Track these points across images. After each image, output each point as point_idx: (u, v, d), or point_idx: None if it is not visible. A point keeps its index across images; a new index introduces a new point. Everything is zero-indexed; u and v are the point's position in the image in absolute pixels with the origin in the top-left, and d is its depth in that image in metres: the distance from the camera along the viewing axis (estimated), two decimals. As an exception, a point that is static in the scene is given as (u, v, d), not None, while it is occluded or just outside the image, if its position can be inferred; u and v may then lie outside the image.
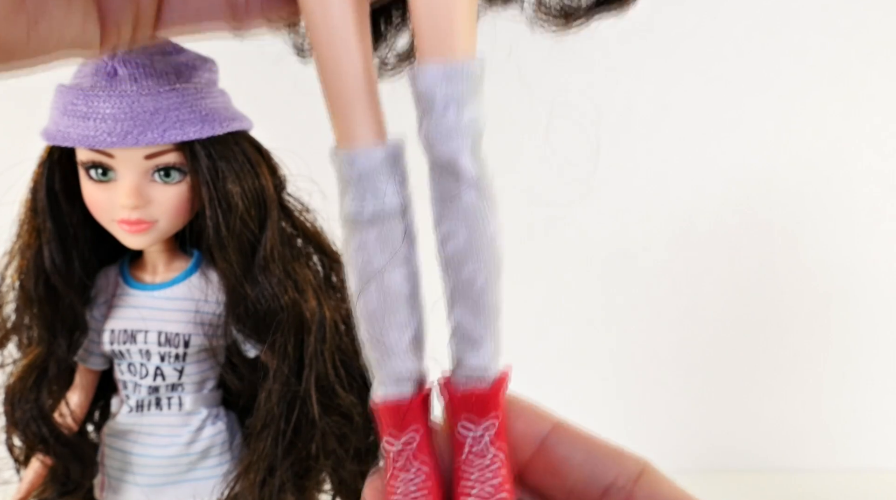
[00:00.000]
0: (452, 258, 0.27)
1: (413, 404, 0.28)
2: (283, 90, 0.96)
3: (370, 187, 0.27)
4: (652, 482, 0.28)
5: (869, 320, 1.03)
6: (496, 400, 0.28)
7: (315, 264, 0.65)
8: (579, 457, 0.28)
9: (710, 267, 1.03)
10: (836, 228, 1.02)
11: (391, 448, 0.28)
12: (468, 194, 0.27)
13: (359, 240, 0.27)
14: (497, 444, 0.28)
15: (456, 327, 0.28)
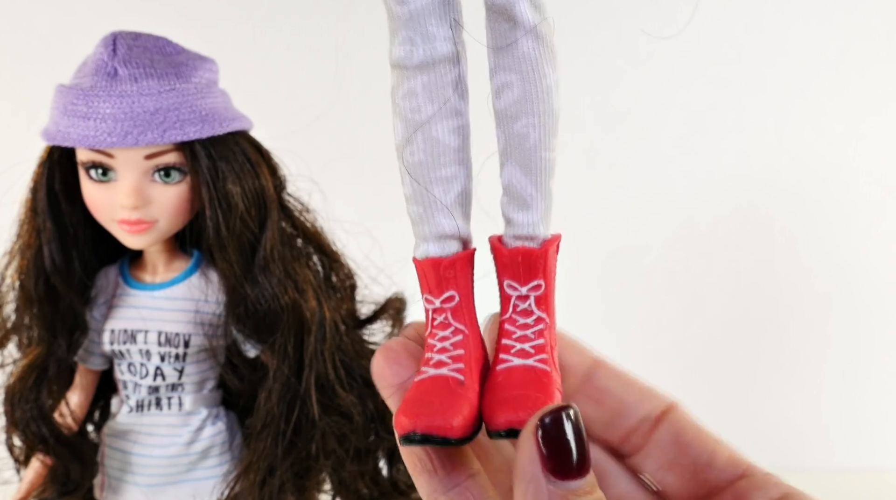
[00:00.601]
0: (506, 111, 0.26)
1: (454, 262, 0.27)
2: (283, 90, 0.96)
3: (420, 30, 0.26)
4: (678, 418, 0.30)
5: (869, 320, 1.03)
6: (543, 262, 0.27)
7: (315, 264, 0.65)
8: (617, 389, 0.30)
9: (709, 267, 1.03)
10: (836, 228, 1.02)
11: (429, 306, 0.27)
12: (525, 42, 0.25)
13: (406, 87, 0.26)
14: (542, 308, 0.27)
15: (508, 185, 0.27)
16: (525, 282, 0.27)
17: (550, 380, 0.26)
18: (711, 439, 0.30)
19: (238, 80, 0.64)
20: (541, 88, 0.26)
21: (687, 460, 0.29)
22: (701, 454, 0.29)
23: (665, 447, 0.30)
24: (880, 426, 1.03)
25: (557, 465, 0.24)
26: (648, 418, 0.30)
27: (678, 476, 0.29)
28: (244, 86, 0.64)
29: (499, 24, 0.26)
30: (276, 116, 0.64)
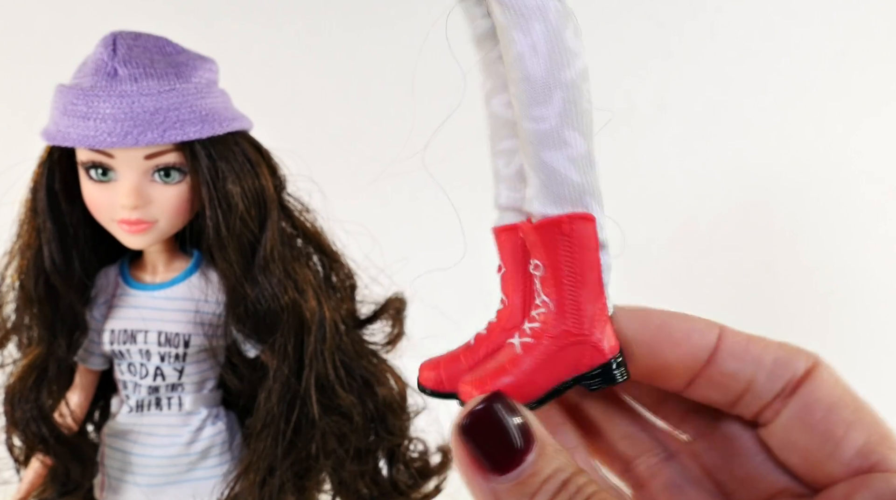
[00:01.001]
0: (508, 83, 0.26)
1: (500, 232, 0.27)
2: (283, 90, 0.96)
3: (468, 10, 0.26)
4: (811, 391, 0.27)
5: (869, 320, 1.03)
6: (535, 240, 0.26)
7: (315, 264, 0.65)
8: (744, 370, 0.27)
9: (710, 266, 1.03)
10: (837, 228, 1.02)
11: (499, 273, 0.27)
12: (495, 10, 0.25)
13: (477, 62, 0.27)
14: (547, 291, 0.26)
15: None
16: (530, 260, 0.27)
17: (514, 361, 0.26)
18: (845, 420, 0.27)
19: (238, 80, 0.64)
20: (513, 55, 0.25)
21: (811, 444, 0.26)
22: (827, 440, 0.26)
23: (790, 426, 0.27)
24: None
25: (490, 463, 0.23)
26: (783, 393, 0.27)
27: (802, 459, 0.27)
28: (244, 86, 0.64)
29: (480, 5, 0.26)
30: (276, 116, 0.64)
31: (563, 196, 0.25)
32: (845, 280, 1.02)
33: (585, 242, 0.26)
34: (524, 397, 0.25)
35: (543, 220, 0.26)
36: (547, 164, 0.25)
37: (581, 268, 0.26)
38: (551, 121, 0.25)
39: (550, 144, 0.25)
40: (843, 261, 1.02)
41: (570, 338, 0.26)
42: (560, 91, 0.25)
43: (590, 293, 0.27)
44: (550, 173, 0.25)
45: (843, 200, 1.02)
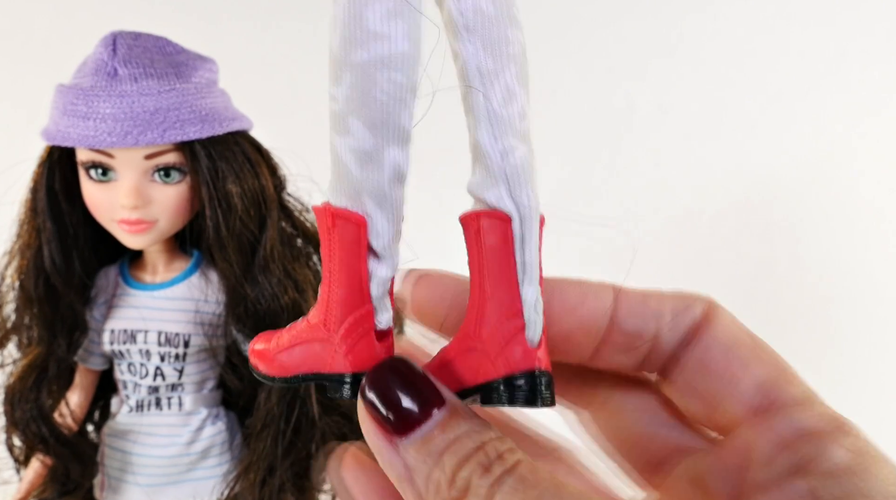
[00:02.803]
0: None
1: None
2: (283, 90, 0.96)
3: None
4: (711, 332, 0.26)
5: (869, 319, 1.03)
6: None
7: (315, 264, 0.65)
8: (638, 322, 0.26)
9: (709, 266, 1.03)
10: (836, 227, 1.02)
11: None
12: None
13: None
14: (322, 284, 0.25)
15: None
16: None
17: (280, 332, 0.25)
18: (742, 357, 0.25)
19: (238, 80, 0.64)
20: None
21: (711, 387, 0.25)
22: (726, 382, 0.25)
23: (691, 373, 0.25)
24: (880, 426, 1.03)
25: (394, 424, 0.21)
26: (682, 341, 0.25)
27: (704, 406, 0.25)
28: (244, 86, 0.64)
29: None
30: (276, 116, 0.64)
31: (342, 189, 0.24)
32: (845, 279, 1.02)
33: (353, 243, 0.24)
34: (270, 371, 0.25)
35: (315, 208, 0.24)
36: (333, 148, 0.23)
37: (344, 267, 0.24)
38: (340, 103, 0.23)
39: (337, 128, 0.23)
40: (843, 260, 1.02)
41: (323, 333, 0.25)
42: (349, 73, 0.23)
43: (335, 292, 0.24)
44: (336, 160, 0.23)
45: (842, 200, 1.02)
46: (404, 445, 0.21)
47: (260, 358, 0.25)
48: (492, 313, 0.23)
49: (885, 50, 0.99)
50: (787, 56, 0.99)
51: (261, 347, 0.25)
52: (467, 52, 0.23)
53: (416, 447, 0.21)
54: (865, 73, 0.99)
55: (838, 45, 0.99)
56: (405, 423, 0.21)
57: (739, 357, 0.25)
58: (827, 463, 0.21)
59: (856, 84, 0.99)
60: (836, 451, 0.21)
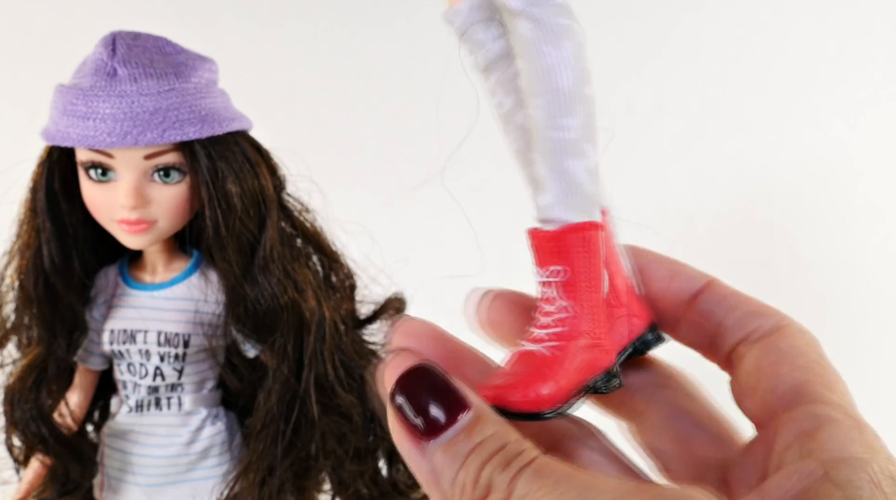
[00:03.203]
0: (524, 97, 0.27)
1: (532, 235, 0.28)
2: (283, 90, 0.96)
3: (471, 40, 0.28)
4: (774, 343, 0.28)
5: (869, 320, 1.03)
6: (559, 246, 0.26)
7: (315, 264, 0.65)
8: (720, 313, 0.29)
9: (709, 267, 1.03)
10: (835, 228, 1.02)
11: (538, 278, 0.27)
12: (522, 26, 0.26)
13: (488, 88, 0.28)
14: (569, 297, 0.26)
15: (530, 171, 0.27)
16: (544, 266, 0.27)
17: (550, 366, 0.26)
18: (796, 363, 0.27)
19: (238, 80, 0.64)
20: (541, 67, 0.26)
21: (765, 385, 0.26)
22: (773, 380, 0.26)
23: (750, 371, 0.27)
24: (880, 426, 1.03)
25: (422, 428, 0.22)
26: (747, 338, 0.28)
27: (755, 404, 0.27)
28: (244, 86, 0.64)
29: (503, 15, 0.27)
30: (276, 116, 0.64)
31: (580, 205, 0.27)
32: (844, 280, 1.02)
33: (596, 249, 0.27)
34: (555, 403, 0.25)
35: (568, 226, 0.26)
36: (569, 173, 0.26)
37: (594, 274, 0.27)
38: (575, 131, 0.26)
39: (574, 154, 0.26)
40: (842, 260, 1.02)
41: (590, 341, 0.26)
42: (583, 105, 0.26)
43: (599, 298, 0.27)
44: (571, 182, 0.26)
45: (841, 200, 1.02)
46: (431, 448, 0.22)
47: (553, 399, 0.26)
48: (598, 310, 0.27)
49: (884, 50, 0.99)
50: (785, 56, 0.99)
51: (550, 388, 0.26)
52: None
53: (442, 449, 0.22)
54: (865, 73, 0.99)
55: (837, 45, 0.99)
56: (432, 427, 0.22)
57: (793, 362, 0.27)
58: (842, 451, 0.22)
59: (855, 84, 0.99)
60: (852, 443, 0.23)
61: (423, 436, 0.22)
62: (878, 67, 0.99)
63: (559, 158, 0.26)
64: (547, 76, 0.26)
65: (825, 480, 0.21)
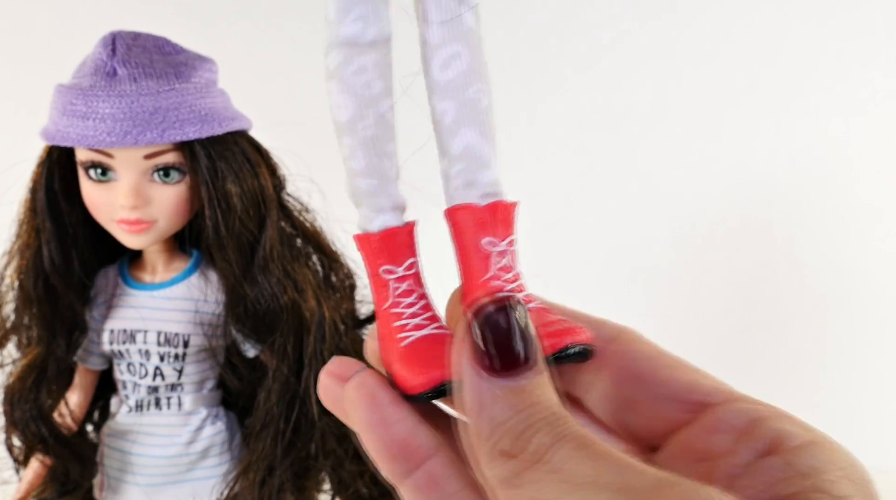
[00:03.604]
0: (455, 80, 0.28)
1: (410, 229, 0.29)
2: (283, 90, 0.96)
3: (374, 9, 0.28)
4: (629, 340, 0.27)
5: (868, 321, 1.03)
6: (513, 217, 0.28)
7: (314, 263, 0.65)
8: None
9: (709, 267, 1.03)
10: (835, 229, 1.02)
11: (391, 276, 0.28)
12: (469, 16, 0.27)
13: (358, 64, 0.28)
14: (517, 262, 0.28)
15: (464, 150, 0.28)
16: (504, 237, 0.28)
17: (556, 312, 0.27)
18: (667, 364, 0.26)
19: (238, 80, 0.64)
20: (482, 58, 0.28)
21: (636, 392, 0.26)
22: (653, 384, 0.26)
23: (615, 382, 0.26)
24: (880, 426, 1.03)
25: (490, 355, 0.22)
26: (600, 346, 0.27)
27: (632, 412, 0.26)
28: (244, 86, 0.64)
29: (446, 1, 0.28)
30: (276, 116, 0.64)
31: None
32: (844, 280, 1.02)
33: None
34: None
35: (512, 201, 0.28)
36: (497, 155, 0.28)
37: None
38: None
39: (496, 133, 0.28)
40: (842, 261, 1.02)
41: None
42: None
43: None
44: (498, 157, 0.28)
45: (840, 200, 1.02)
46: (494, 384, 0.22)
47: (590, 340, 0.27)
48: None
49: (884, 49, 0.99)
50: (785, 56, 0.99)
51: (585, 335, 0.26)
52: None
53: (504, 392, 0.22)
54: (864, 73, 0.99)
55: (837, 45, 0.99)
56: (504, 368, 0.22)
57: (664, 363, 0.26)
58: (792, 440, 0.23)
59: (854, 84, 0.99)
60: (793, 430, 0.23)
61: (490, 370, 0.22)
62: (877, 67, 0.99)
63: (495, 139, 0.28)
64: (485, 67, 0.28)
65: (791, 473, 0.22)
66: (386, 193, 0.28)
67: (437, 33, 0.28)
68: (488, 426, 0.22)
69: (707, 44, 1.00)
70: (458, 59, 0.27)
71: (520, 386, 0.22)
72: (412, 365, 0.26)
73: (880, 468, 1.13)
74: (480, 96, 0.28)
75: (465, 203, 0.28)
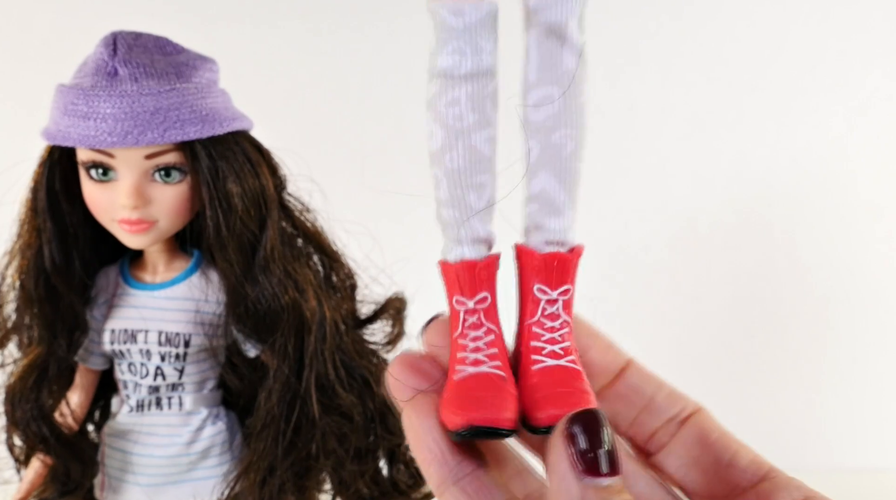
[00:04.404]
0: (544, 123, 0.28)
1: (488, 264, 0.29)
2: (283, 90, 0.96)
3: (472, 42, 0.27)
4: (704, 420, 0.31)
5: (868, 320, 1.03)
6: (574, 266, 0.29)
7: (315, 263, 0.65)
8: (647, 389, 0.32)
9: (709, 267, 1.03)
10: (835, 229, 1.02)
11: (461, 307, 0.28)
12: (570, 59, 0.27)
13: (451, 96, 0.28)
14: (568, 312, 0.29)
15: (539, 193, 0.28)
16: (556, 286, 0.29)
17: (583, 380, 0.28)
18: (735, 441, 0.31)
19: (238, 80, 0.64)
20: (579, 103, 0.28)
21: (710, 459, 0.30)
22: (724, 454, 0.30)
23: (689, 445, 0.31)
24: (879, 426, 1.03)
25: (587, 463, 0.25)
26: (676, 418, 0.31)
27: (701, 475, 0.31)
28: (244, 86, 0.64)
29: (548, 41, 0.27)
30: (276, 116, 0.64)
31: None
32: (845, 280, 1.03)
33: None
34: None
35: (576, 248, 0.29)
36: (578, 198, 0.29)
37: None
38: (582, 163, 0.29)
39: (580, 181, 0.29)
40: (843, 261, 1.02)
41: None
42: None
43: None
44: (578, 206, 0.29)
45: (840, 200, 1.02)
46: (587, 481, 0.25)
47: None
48: None
49: (884, 49, 0.99)
50: (785, 56, 1.00)
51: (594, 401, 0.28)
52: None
53: (596, 490, 0.25)
54: (864, 73, 0.99)
55: (837, 45, 0.99)
56: (593, 469, 0.25)
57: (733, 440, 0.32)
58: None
59: (854, 84, 1.00)
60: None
61: (584, 471, 0.25)
62: (877, 67, 0.99)
63: (577, 185, 0.28)
64: (582, 112, 0.28)
65: None
66: (467, 225, 0.28)
67: (534, 73, 0.28)
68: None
69: (707, 44, 1.00)
70: (550, 101, 0.27)
71: (611, 486, 0.25)
72: (455, 402, 0.27)
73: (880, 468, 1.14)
74: (566, 142, 0.28)
75: (528, 247, 0.29)
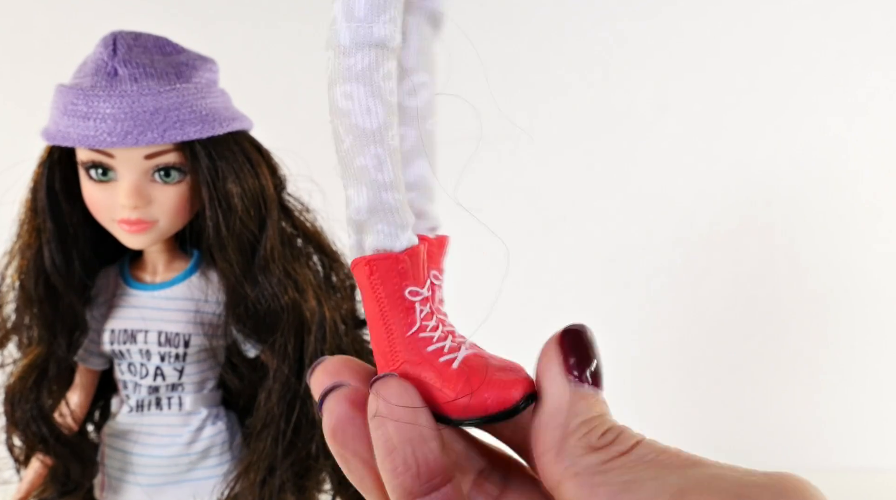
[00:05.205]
0: (419, 110, 0.26)
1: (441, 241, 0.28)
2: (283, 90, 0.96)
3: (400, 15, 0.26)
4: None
5: (868, 320, 1.03)
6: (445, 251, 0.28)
7: (315, 263, 0.65)
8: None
9: (709, 267, 1.03)
10: (836, 229, 1.02)
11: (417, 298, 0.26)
12: (436, 46, 0.27)
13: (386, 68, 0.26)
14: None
15: (417, 180, 0.27)
16: (442, 271, 0.28)
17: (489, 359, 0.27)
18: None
19: (238, 80, 0.64)
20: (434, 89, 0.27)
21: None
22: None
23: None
24: (879, 426, 1.04)
25: (576, 369, 0.25)
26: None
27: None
28: (244, 86, 0.64)
29: (425, 26, 0.27)
30: (276, 116, 0.64)
31: None
32: (844, 280, 1.03)
33: None
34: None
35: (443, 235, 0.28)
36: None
37: None
38: None
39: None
40: (842, 261, 1.02)
41: None
42: None
43: None
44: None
45: (840, 201, 1.02)
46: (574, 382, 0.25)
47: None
48: None
49: (883, 49, 0.99)
50: (784, 56, 1.00)
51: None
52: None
53: (582, 395, 0.25)
54: (864, 73, 0.99)
55: (836, 45, 0.99)
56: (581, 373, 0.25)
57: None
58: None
59: (854, 84, 1.00)
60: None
61: (571, 374, 0.25)
62: (876, 67, 0.99)
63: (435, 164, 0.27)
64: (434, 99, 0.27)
65: None
66: (407, 208, 0.26)
67: (412, 58, 0.26)
68: (576, 421, 0.25)
69: (707, 44, 1.00)
70: (425, 88, 0.27)
71: (599, 395, 0.26)
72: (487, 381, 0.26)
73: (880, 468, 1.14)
74: (434, 128, 0.27)
75: (419, 234, 0.27)
